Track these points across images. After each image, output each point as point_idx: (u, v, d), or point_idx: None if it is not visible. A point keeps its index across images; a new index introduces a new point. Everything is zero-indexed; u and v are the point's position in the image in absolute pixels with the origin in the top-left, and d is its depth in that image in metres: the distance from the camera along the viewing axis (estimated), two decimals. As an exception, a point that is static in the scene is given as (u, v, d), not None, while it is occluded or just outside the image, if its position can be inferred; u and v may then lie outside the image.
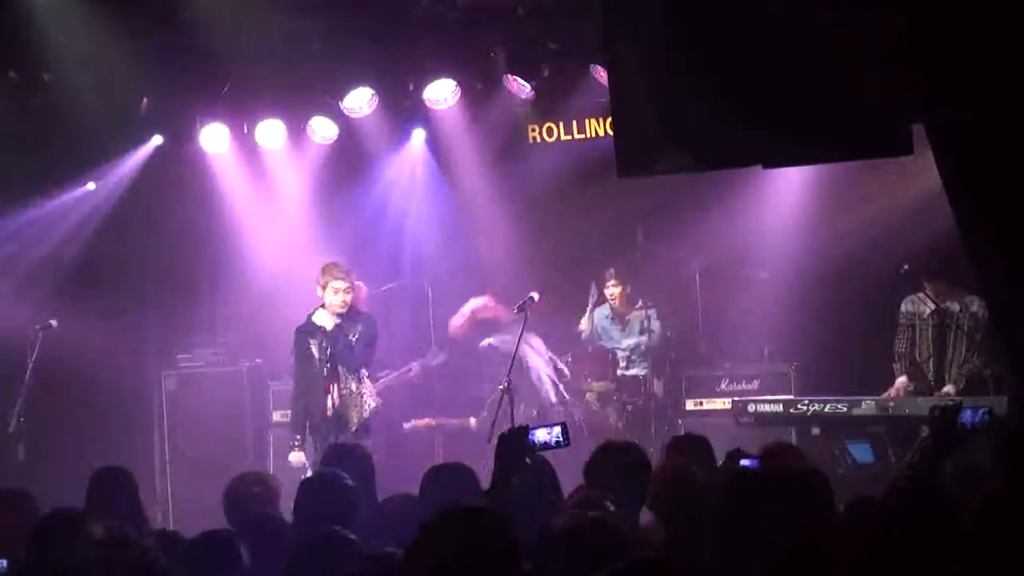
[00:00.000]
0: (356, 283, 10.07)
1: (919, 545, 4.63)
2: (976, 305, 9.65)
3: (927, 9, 5.45)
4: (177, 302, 12.07)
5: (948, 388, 9.60)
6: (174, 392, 11.73)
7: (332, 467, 6.68)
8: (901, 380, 9.80)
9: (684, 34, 5.89)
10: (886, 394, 9.70)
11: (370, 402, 9.63)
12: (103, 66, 10.47)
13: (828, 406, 9.58)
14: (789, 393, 10.41)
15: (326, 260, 11.27)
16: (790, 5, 5.72)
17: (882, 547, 4.61)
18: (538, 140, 11.80)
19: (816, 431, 9.66)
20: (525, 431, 5.63)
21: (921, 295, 9.87)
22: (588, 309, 11.42)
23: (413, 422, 11.08)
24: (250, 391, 11.50)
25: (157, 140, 11.84)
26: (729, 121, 5.76)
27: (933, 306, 9.79)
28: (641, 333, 11.25)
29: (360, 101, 11.56)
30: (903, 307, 10.00)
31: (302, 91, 11.59)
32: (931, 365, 9.81)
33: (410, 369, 11.18)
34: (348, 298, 9.60)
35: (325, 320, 9.60)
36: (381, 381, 10.59)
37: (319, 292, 9.65)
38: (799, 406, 9.73)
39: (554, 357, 11.09)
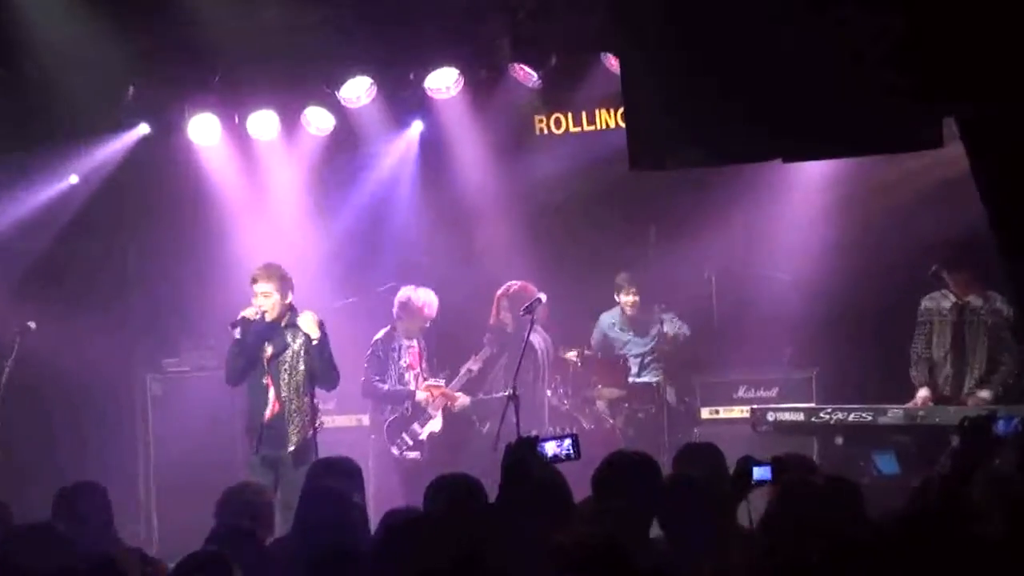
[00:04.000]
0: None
1: (946, 558, 4.63)
2: (1000, 301, 9.59)
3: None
4: (163, 302, 12.05)
5: (984, 394, 9.53)
6: (160, 397, 11.69)
7: (325, 479, 6.68)
8: (923, 393, 9.74)
9: (699, 22, 5.90)
10: (912, 403, 9.67)
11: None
12: (87, 52, 10.45)
13: (852, 414, 9.55)
14: (811, 401, 10.42)
15: (320, 258, 11.28)
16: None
17: (909, 561, 4.62)
18: (545, 132, 11.80)
19: (839, 440, 9.62)
20: (533, 442, 5.66)
21: (943, 291, 9.82)
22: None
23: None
24: (241, 396, 11.48)
25: (143, 130, 11.83)
26: (747, 113, 5.76)
27: (954, 300, 9.73)
28: (655, 338, 11.25)
29: (358, 90, 11.53)
30: (922, 304, 9.93)
31: (297, 80, 11.56)
32: (949, 365, 9.75)
33: (470, 371, 11.14)
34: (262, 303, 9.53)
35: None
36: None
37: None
38: (821, 414, 9.70)
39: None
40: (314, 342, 9.32)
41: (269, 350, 9.39)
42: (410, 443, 10.85)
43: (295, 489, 7.67)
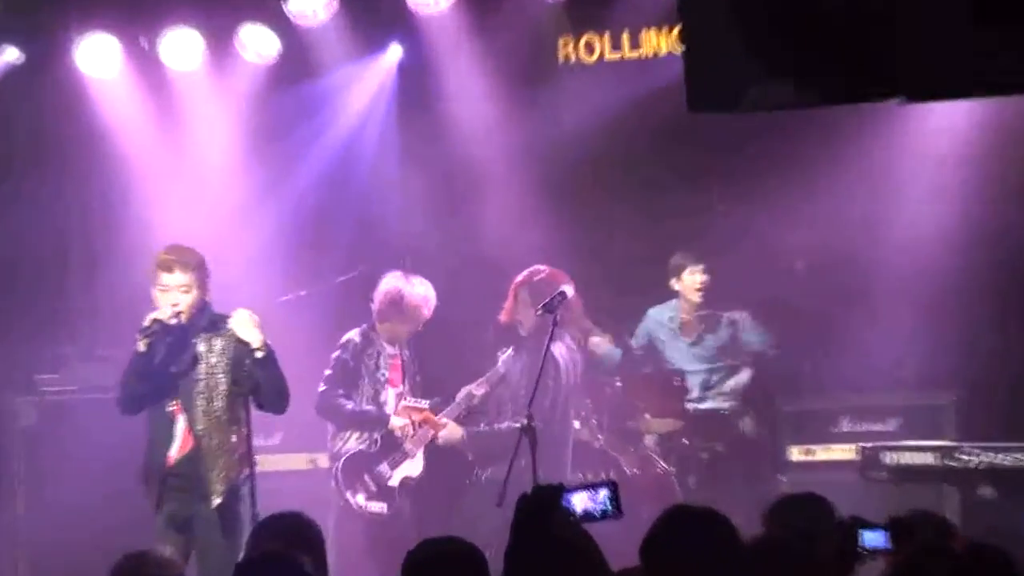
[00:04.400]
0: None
1: None
2: None
3: None
4: (39, 297, 12.07)
5: None
6: (34, 427, 11.68)
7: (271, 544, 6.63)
8: None
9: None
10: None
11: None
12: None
13: (1005, 455, 9.55)
14: (946, 436, 10.45)
15: (259, 234, 11.18)
16: None
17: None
18: (572, 60, 11.85)
19: (987, 492, 9.63)
20: (557, 493, 5.58)
21: None
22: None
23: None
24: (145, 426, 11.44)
25: (12, 55, 11.87)
26: (854, 34, 5.65)
27: None
28: (724, 351, 11.18)
29: (313, 2, 11.49)
30: None
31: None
32: None
33: (471, 396, 11.04)
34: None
35: None
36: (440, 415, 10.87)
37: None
38: (961, 455, 9.78)
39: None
40: (257, 353, 9.19)
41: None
42: (374, 489, 10.76)
43: (222, 559, 7.60)
